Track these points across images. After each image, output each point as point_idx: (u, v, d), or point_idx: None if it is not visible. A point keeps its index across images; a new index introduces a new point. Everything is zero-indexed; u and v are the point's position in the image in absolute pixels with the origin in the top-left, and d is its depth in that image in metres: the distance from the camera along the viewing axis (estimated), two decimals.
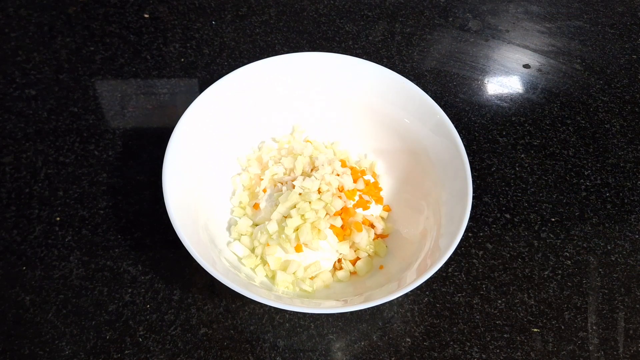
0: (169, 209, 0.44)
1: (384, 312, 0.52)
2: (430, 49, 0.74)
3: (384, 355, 0.49)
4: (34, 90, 0.65)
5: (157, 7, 0.75)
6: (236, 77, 0.53)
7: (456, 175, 0.48)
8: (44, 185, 0.57)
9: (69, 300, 0.50)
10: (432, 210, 0.51)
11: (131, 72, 0.68)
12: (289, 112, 0.58)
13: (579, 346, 0.51)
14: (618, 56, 0.76)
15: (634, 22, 0.80)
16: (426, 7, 0.78)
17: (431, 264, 0.43)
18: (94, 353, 0.48)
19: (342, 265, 0.51)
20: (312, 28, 0.74)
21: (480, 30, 0.77)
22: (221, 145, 0.55)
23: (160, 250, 0.54)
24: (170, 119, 0.51)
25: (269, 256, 0.49)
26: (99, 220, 0.55)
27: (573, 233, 0.58)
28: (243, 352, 0.48)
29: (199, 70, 0.68)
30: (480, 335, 0.51)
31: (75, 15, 0.73)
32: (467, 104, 0.69)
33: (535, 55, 0.75)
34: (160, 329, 0.49)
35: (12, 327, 0.49)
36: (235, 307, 0.51)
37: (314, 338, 0.50)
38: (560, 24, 0.79)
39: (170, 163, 0.47)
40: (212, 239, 0.50)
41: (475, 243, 0.56)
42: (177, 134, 0.49)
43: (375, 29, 0.75)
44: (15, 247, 0.53)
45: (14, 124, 0.62)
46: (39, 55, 0.68)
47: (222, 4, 0.76)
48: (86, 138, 0.61)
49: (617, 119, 0.69)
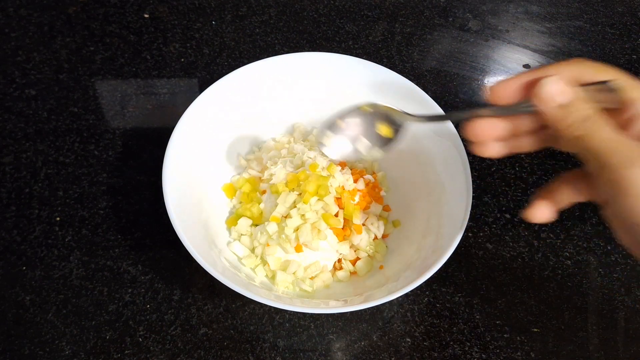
0: (169, 209, 0.44)
1: (384, 312, 0.52)
2: (430, 49, 0.74)
3: (384, 355, 0.49)
4: (34, 90, 0.65)
5: (157, 7, 0.75)
6: (236, 77, 0.53)
7: (456, 175, 0.48)
8: (44, 185, 0.57)
9: (69, 300, 0.50)
10: (432, 210, 0.51)
11: (131, 72, 0.68)
12: (289, 112, 0.58)
13: (579, 346, 0.51)
14: (618, 56, 0.76)
15: (634, 22, 0.80)
16: (426, 7, 0.78)
17: (431, 264, 0.43)
18: (94, 353, 0.48)
19: (342, 265, 0.51)
20: (312, 28, 0.74)
21: (480, 30, 0.77)
22: (221, 145, 0.55)
23: (160, 250, 0.54)
24: (170, 119, 0.51)
25: (269, 256, 0.49)
26: (99, 220, 0.55)
27: (573, 233, 0.58)
28: (243, 352, 0.48)
29: (199, 70, 0.68)
30: (480, 335, 0.51)
31: (75, 15, 0.73)
32: (467, 104, 0.69)
33: (535, 55, 0.75)
34: (160, 329, 0.49)
35: (12, 327, 0.49)
36: (235, 307, 0.51)
37: (314, 338, 0.50)
38: (560, 24, 0.79)
39: (170, 163, 0.47)
40: (212, 239, 0.50)
41: (475, 243, 0.56)
42: (177, 134, 0.49)
43: (375, 29, 0.75)
44: (15, 247, 0.53)
45: (14, 124, 0.62)
46: (39, 55, 0.68)
47: (222, 4, 0.76)
48: (86, 138, 0.61)
49: None
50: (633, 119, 0.30)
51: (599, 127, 0.30)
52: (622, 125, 0.31)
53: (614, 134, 0.29)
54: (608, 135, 0.29)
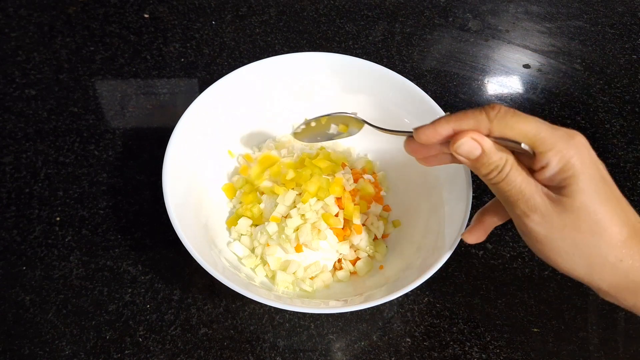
0: (169, 209, 0.44)
1: (384, 312, 0.52)
2: (430, 49, 0.74)
3: (384, 355, 0.49)
4: (34, 90, 0.65)
5: (157, 7, 0.75)
6: (236, 77, 0.53)
7: (456, 176, 0.48)
8: (44, 185, 0.57)
9: (69, 300, 0.50)
10: (432, 210, 0.51)
11: (131, 72, 0.68)
12: (289, 112, 0.58)
13: (579, 346, 0.51)
14: (618, 56, 0.76)
15: (634, 22, 0.80)
16: (426, 7, 0.78)
17: (431, 264, 0.43)
18: (94, 353, 0.48)
19: (342, 265, 0.51)
20: (312, 28, 0.74)
21: (480, 30, 0.77)
22: (221, 145, 0.55)
23: (160, 250, 0.54)
24: (170, 119, 0.51)
25: (269, 256, 0.49)
26: (99, 220, 0.55)
27: None
28: (243, 352, 0.48)
29: (199, 70, 0.68)
30: (480, 335, 0.51)
31: (75, 15, 0.73)
32: (467, 104, 0.69)
33: (535, 55, 0.75)
34: (160, 329, 0.49)
35: (12, 327, 0.49)
36: (235, 307, 0.51)
37: (314, 338, 0.50)
38: (560, 24, 0.79)
39: (170, 163, 0.47)
40: (212, 239, 0.50)
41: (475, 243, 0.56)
42: (177, 134, 0.49)
43: (375, 29, 0.75)
44: (15, 247, 0.53)
45: (14, 124, 0.62)
46: (39, 55, 0.68)
47: (222, 4, 0.76)
48: (86, 138, 0.61)
49: (617, 119, 0.69)
50: (545, 166, 0.32)
51: (509, 175, 0.33)
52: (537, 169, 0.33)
53: (522, 181, 0.33)
54: (516, 183, 0.33)
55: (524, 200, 0.33)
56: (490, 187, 0.35)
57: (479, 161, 0.34)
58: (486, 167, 0.34)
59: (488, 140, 0.33)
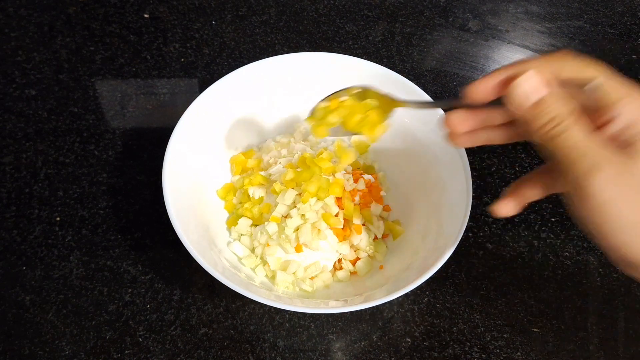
0: (169, 209, 0.44)
1: (384, 312, 0.52)
2: (430, 49, 0.74)
3: (384, 355, 0.49)
4: (34, 90, 0.65)
5: (157, 7, 0.75)
6: (236, 77, 0.53)
7: (456, 175, 0.48)
8: (44, 185, 0.57)
9: (69, 300, 0.50)
10: (432, 210, 0.51)
11: (131, 72, 0.68)
12: (289, 112, 0.58)
13: (579, 346, 0.51)
14: (618, 56, 0.76)
15: (634, 22, 0.80)
16: (426, 7, 0.78)
17: (431, 264, 0.43)
18: (94, 353, 0.48)
19: (342, 265, 0.51)
20: (312, 28, 0.74)
21: (480, 30, 0.77)
22: (221, 145, 0.55)
23: (160, 250, 0.54)
24: (170, 119, 0.51)
25: (269, 256, 0.49)
26: (99, 220, 0.55)
27: (573, 233, 0.58)
28: (243, 352, 0.48)
29: (199, 70, 0.68)
30: (480, 335, 0.51)
31: (75, 15, 0.73)
32: None
33: (535, 55, 0.75)
34: (160, 329, 0.49)
35: (12, 327, 0.49)
36: (235, 307, 0.51)
37: (314, 338, 0.50)
38: (560, 24, 0.79)
39: (170, 163, 0.47)
40: (212, 239, 0.50)
41: (475, 243, 0.56)
42: (177, 134, 0.49)
43: (375, 29, 0.75)
44: (15, 247, 0.53)
45: (14, 124, 0.62)
46: (39, 55, 0.68)
47: (222, 4, 0.76)
48: (86, 138, 0.61)
49: None
50: (610, 120, 0.29)
51: (570, 129, 0.28)
52: (598, 126, 0.30)
53: (584, 137, 0.28)
54: (578, 138, 0.28)
55: (590, 156, 0.28)
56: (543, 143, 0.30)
57: (538, 107, 0.29)
58: (546, 115, 0.29)
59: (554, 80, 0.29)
